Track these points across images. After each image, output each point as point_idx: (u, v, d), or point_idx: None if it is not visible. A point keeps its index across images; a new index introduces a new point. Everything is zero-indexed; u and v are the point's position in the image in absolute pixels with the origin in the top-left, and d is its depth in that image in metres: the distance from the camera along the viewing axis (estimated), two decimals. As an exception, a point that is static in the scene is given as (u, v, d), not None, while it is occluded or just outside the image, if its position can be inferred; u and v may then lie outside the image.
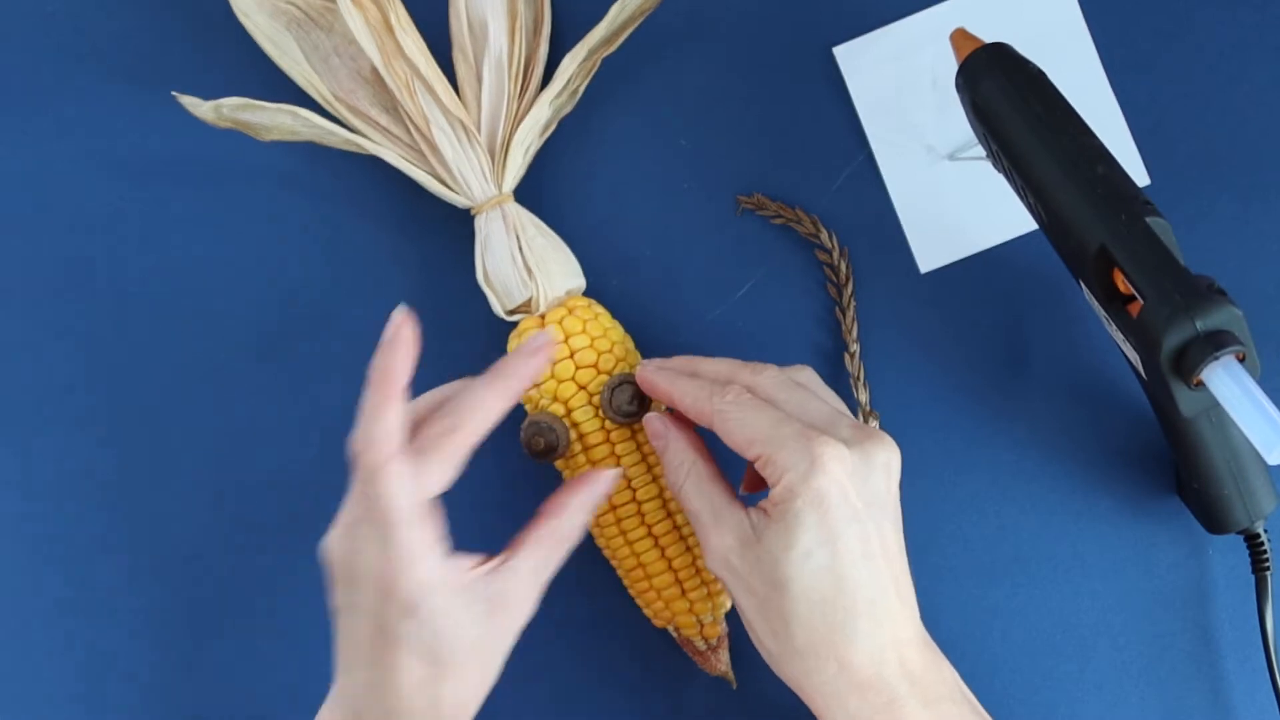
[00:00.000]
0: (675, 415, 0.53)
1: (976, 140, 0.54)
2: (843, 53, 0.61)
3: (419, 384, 0.60)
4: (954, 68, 0.53)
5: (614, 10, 0.57)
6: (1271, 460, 0.44)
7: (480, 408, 0.49)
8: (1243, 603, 0.58)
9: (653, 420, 0.53)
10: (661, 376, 0.52)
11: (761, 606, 0.48)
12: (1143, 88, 0.60)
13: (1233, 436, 0.53)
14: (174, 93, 0.57)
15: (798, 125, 0.61)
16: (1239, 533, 0.56)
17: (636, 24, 0.59)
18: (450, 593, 0.47)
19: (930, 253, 0.60)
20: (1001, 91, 0.50)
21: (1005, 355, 0.60)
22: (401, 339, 0.47)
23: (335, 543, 0.48)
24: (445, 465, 0.47)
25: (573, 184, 0.61)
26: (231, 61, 0.62)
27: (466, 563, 0.48)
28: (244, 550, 0.61)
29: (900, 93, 0.60)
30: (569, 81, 0.58)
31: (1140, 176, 0.60)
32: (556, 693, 0.60)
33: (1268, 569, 0.56)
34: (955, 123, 0.58)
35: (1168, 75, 0.60)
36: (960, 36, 0.53)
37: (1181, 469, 0.56)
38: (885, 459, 0.48)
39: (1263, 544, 0.56)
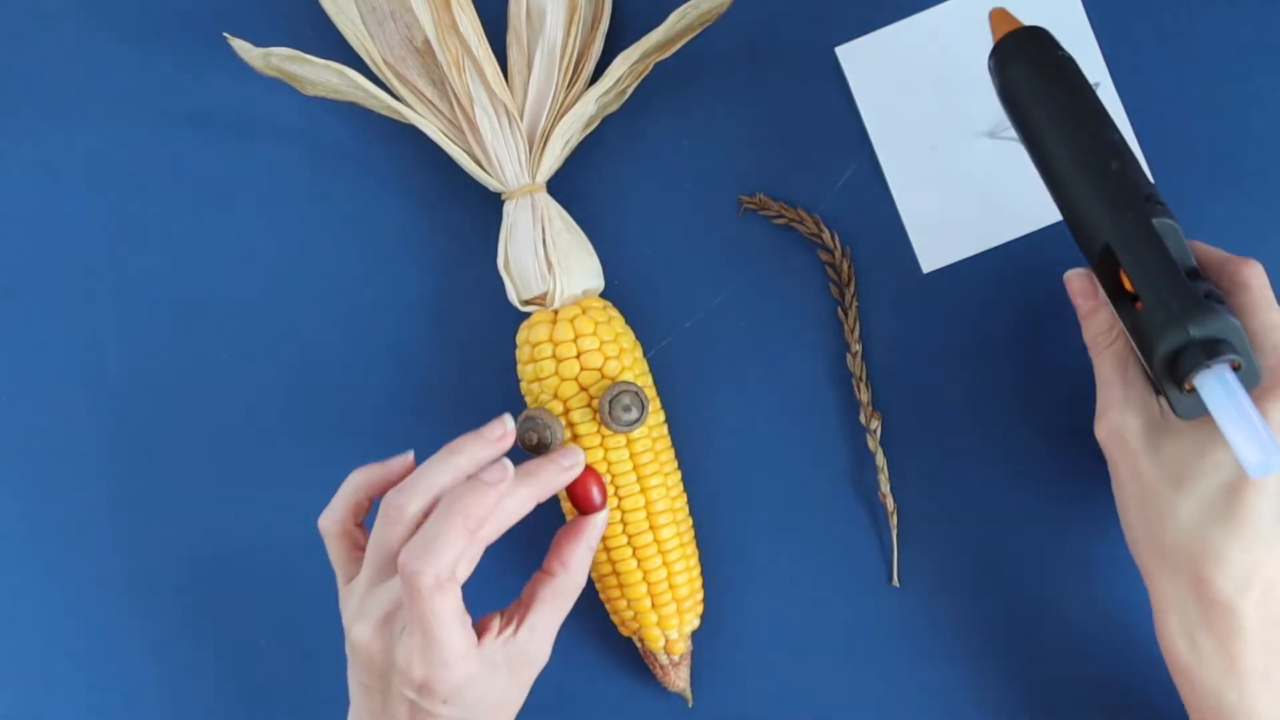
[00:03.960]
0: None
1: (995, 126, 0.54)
2: (845, 52, 0.61)
3: (426, 368, 0.61)
4: (957, 67, 0.53)
5: (673, 17, 0.57)
6: (1254, 476, 0.44)
7: (511, 508, 0.50)
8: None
9: (1080, 279, 0.54)
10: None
11: (1143, 492, 0.50)
12: (1146, 88, 0.60)
13: None
14: (226, 34, 0.57)
15: (800, 125, 0.61)
16: None
17: (695, 33, 0.58)
18: (480, 670, 0.49)
19: (933, 252, 0.60)
20: (1027, 79, 0.50)
21: (1007, 354, 0.60)
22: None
23: (368, 637, 0.50)
24: (473, 562, 0.49)
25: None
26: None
27: (490, 635, 0.50)
28: (247, 549, 0.62)
29: (903, 93, 0.60)
30: (618, 81, 0.58)
31: (1147, 177, 0.59)
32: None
33: None
34: (958, 122, 0.58)
35: (1171, 75, 0.60)
36: (998, 16, 0.53)
37: None
38: None
39: None
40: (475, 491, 0.48)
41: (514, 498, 0.50)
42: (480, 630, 0.50)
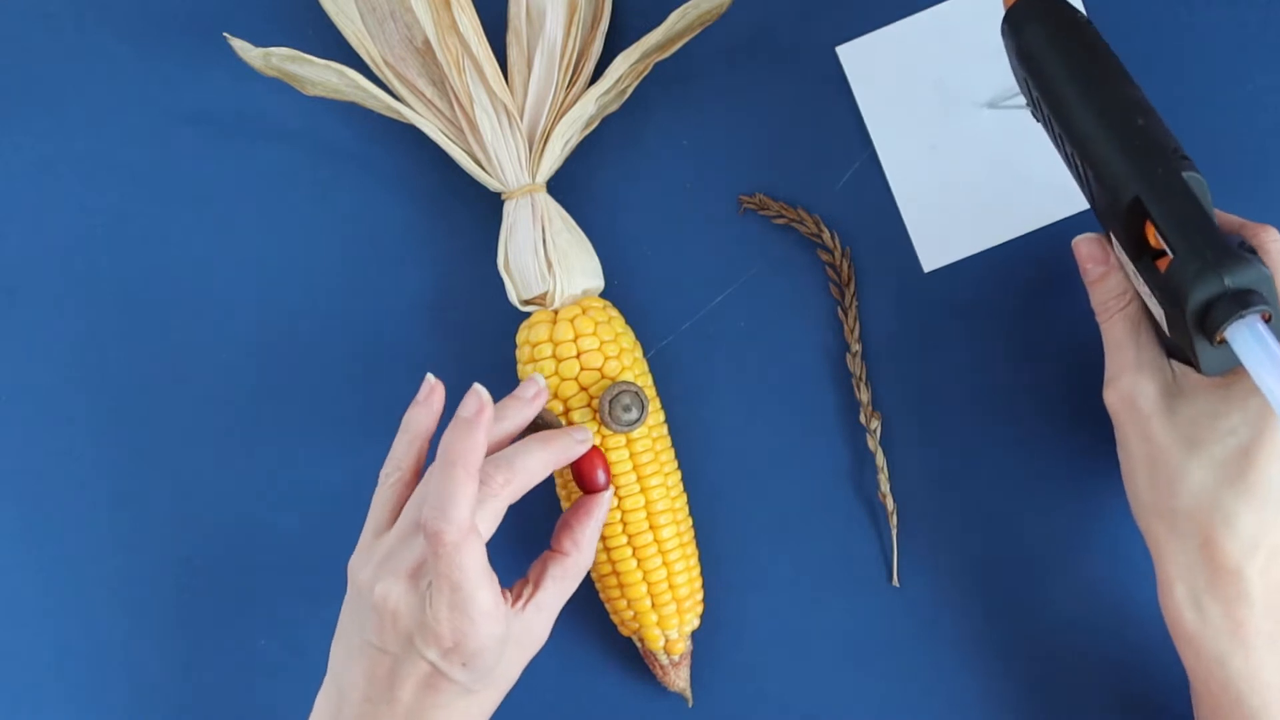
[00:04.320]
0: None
1: (1015, 90, 0.54)
2: (846, 52, 0.61)
3: (426, 368, 0.60)
4: (957, 66, 0.53)
5: (673, 17, 0.57)
6: None
7: (532, 468, 0.51)
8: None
9: (1091, 243, 0.53)
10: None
11: (1154, 457, 0.50)
12: (1146, 87, 0.59)
13: None
14: (226, 34, 0.57)
15: (801, 125, 0.61)
16: None
17: (694, 33, 0.59)
18: (502, 632, 0.50)
19: (933, 252, 0.60)
20: (1045, 38, 0.50)
21: (1008, 354, 0.60)
22: (481, 421, 0.49)
23: (399, 592, 0.49)
24: (497, 517, 0.50)
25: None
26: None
27: (509, 605, 0.51)
28: (247, 549, 0.62)
29: (904, 92, 0.60)
30: (618, 81, 0.58)
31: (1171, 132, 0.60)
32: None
33: None
34: (959, 121, 0.58)
35: (1171, 76, 0.60)
36: None
37: None
38: None
39: None
40: (460, 435, 0.48)
41: (534, 458, 0.51)
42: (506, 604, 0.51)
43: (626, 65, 0.58)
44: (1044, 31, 0.50)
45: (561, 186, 0.60)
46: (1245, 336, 0.45)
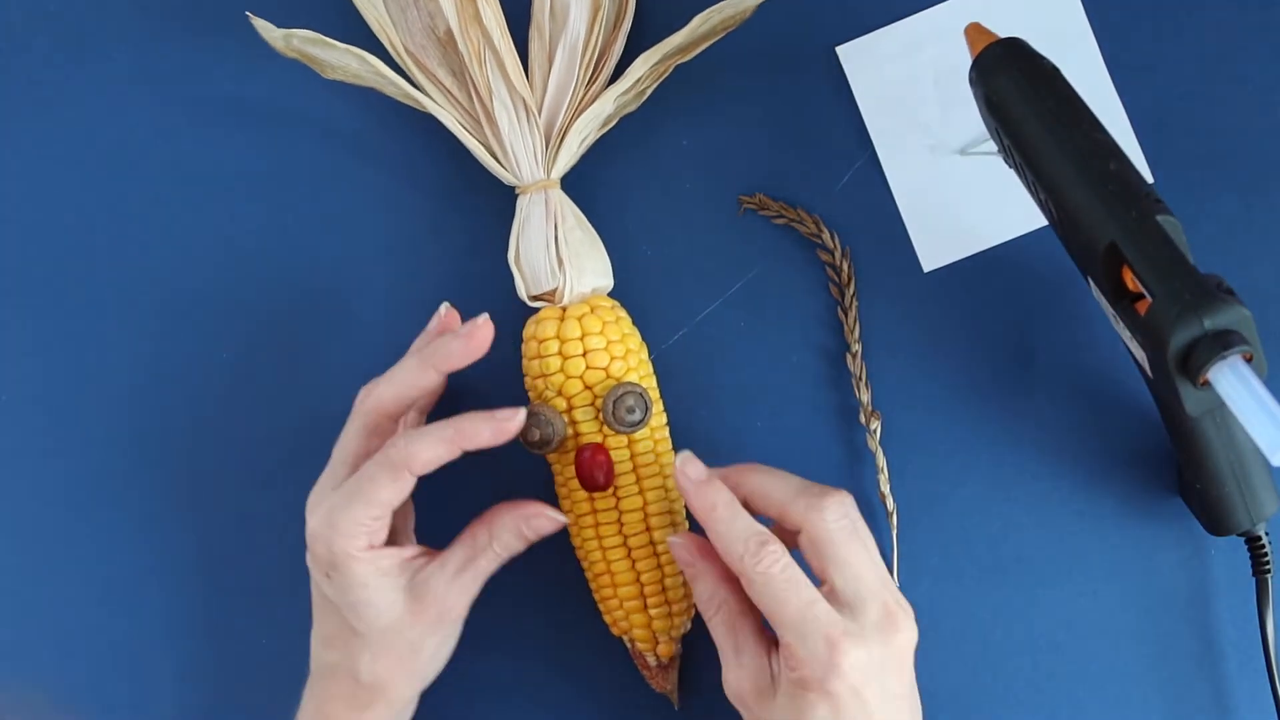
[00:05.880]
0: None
1: (986, 135, 0.54)
2: (846, 52, 0.61)
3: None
4: (957, 67, 0.53)
5: (696, 20, 0.57)
6: (1275, 461, 0.44)
7: (477, 436, 0.52)
8: (1244, 605, 0.58)
9: (678, 548, 0.53)
10: (701, 497, 0.51)
11: None
12: (1146, 87, 0.60)
13: (1237, 437, 0.53)
14: (248, 13, 0.56)
15: (801, 125, 0.61)
16: (1240, 535, 0.56)
17: (718, 37, 0.58)
18: (373, 568, 0.51)
19: (933, 251, 0.60)
20: (1014, 87, 0.50)
21: (1008, 354, 0.60)
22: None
23: (309, 501, 0.53)
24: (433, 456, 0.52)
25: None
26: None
27: (403, 551, 0.53)
28: (248, 549, 0.61)
29: (904, 92, 0.60)
30: (638, 81, 0.58)
31: (1143, 175, 0.61)
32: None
33: (1268, 572, 0.56)
34: (959, 121, 0.59)
35: (1171, 75, 0.60)
36: (974, 31, 0.53)
37: (1184, 469, 0.56)
38: (902, 646, 0.49)
39: (1264, 547, 0.56)
40: (474, 420, 0.52)
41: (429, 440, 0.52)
42: (393, 548, 0.53)
43: (647, 66, 0.57)
44: (1012, 81, 0.50)
45: (574, 184, 0.60)
46: (1228, 378, 0.45)
